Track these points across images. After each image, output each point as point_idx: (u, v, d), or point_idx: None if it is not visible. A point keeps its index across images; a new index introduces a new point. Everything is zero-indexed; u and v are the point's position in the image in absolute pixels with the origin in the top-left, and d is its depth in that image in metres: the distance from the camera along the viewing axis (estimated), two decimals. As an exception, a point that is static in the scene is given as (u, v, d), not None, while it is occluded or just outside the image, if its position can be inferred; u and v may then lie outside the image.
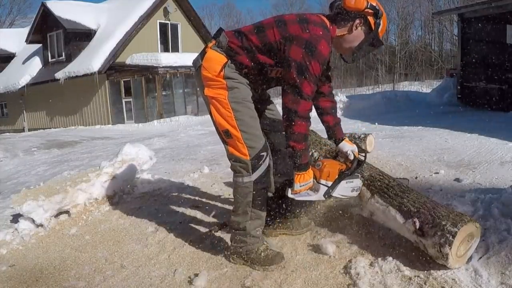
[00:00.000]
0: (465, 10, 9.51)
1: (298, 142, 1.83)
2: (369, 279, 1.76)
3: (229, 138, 1.94)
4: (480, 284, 1.65)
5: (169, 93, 14.54)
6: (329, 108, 2.15)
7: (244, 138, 1.91)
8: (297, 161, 1.86)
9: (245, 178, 1.95)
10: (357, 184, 2.08)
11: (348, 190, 2.05)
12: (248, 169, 1.93)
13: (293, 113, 1.80)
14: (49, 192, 2.88)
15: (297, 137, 1.82)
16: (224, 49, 1.90)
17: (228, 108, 1.91)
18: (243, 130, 1.91)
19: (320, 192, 1.97)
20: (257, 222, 2.01)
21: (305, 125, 1.82)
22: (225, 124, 1.93)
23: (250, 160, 1.92)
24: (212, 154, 5.09)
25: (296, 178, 1.89)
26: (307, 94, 1.80)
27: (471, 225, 1.73)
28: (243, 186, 1.97)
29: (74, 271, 2.14)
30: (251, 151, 1.92)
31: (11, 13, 33.19)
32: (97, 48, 14.46)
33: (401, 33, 31.10)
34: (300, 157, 1.85)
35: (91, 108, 15.22)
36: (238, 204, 2.00)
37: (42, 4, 15.19)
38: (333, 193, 2.00)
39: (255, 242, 2.00)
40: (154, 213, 2.90)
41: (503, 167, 3.24)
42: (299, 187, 1.90)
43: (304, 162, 1.87)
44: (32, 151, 8.41)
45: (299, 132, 1.82)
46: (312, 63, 1.77)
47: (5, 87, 16.64)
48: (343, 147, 2.12)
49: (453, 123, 6.00)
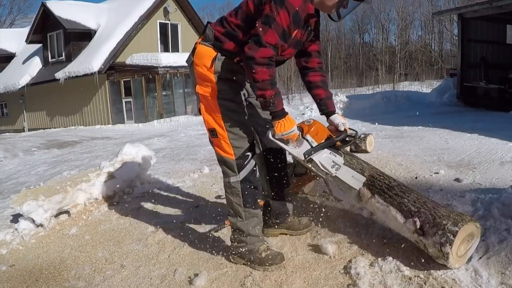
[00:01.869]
0: (465, 10, 9.50)
1: (265, 90, 1.74)
2: (369, 279, 1.76)
3: (214, 137, 1.94)
4: (480, 284, 1.65)
5: (169, 93, 14.54)
6: (319, 81, 2.08)
7: (229, 138, 1.90)
8: (271, 108, 1.78)
9: (232, 178, 1.95)
10: (339, 161, 1.96)
11: (329, 162, 1.94)
12: (234, 169, 1.93)
13: (251, 59, 1.71)
14: (49, 192, 2.89)
15: (262, 84, 1.73)
16: (212, 42, 1.88)
17: (216, 107, 1.89)
18: (229, 130, 1.90)
19: (302, 148, 1.87)
20: (253, 220, 1.99)
21: (267, 71, 1.72)
22: (212, 123, 1.92)
23: (235, 159, 1.92)
24: (212, 154, 5.05)
25: (277, 127, 1.80)
26: (268, 42, 1.71)
27: (471, 224, 1.73)
28: (231, 187, 1.96)
29: (74, 271, 2.14)
30: (236, 150, 1.91)
31: (11, 13, 33.23)
32: (97, 48, 14.47)
33: (401, 33, 31.11)
34: (274, 103, 1.77)
35: (91, 108, 15.22)
36: (231, 205, 2.00)
37: (42, 4, 15.19)
38: (313, 157, 1.89)
39: (255, 241, 1.99)
40: (154, 213, 2.90)
41: (503, 167, 3.24)
42: (280, 135, 1.82)
43: (278, 108, 1.79)
44: (32, 151, 8.41)
45: (262, 79, 1.72)
46: (280, 13, 1.70)
47: (5, 87, 16.65)
48: (334, 119, 2.06)
49: (453, 123, 5.99)
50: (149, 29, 15.53)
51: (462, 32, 9.75)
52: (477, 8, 8.90)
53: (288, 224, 2.27)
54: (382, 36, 32.82)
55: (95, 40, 15.06)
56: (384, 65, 28.87)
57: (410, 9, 31.47)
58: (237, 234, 2.01)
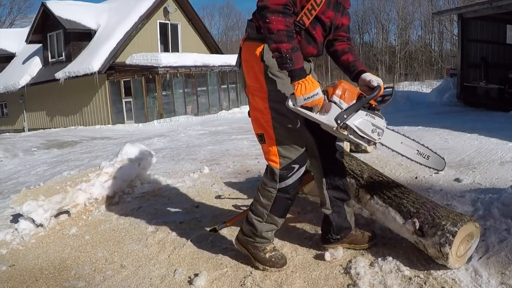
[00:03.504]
0: (465, 10, 9.50)
1: (280, 42, 1.53)
2: (369, 279, 1.76)
3: (263, 143, 1.80)
4: (480, 284, 1.65)
5: (169, 93, 14.54)
6: (346, 48, 1.86)
7: (277, 145, 1.75)
8: (289, 65, 1.53)
9: (270, 183, 1.83)
10: (380, 123, 1.64)
11: (369, 126, 1.61)
12: (275, 177, 1.80)
13: (264, 9, 1.53)
14: (49, 192, 2.89)
15: (277, 36, 1.52)
16: (255, 35, 1.72)
17: (266, 110, 1.73)
18: (278, 136, 1.75)
19: (331, 113, 1.56)
20: (270, 226, 1.90)
21: (283, 20, 1.53)
22: (260, 127, 1.78)
23: (280, 169, 1.78)
24: (212, 154, 5.09)
25: (297, 89, 1.53)
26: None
27: (470, 224, 1.73)
28: (266, 188, 1.84)
29: (74, 271, 2.14)
30: (282, 160, 1.77)
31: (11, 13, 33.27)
32: (97, 48, 14.47)
33: (401, 33, 31.14)
34: (291, 59, 1.52)
35: (91, 108, 15.22)
36: (257, 202, 1.89)
37: (42, 4, 15.19)
38: (348, 121, 1.57)
39: (264, 242, 1.94)
40: (154, 213, 2.90)
41: (503, 167, 3.24)
42: (303, 100, 1.53)
43: (298, 66, 1.54)
44: (32, 151, 8.42)
45: (277, 29, 1.52)
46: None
47: (5, 87, 16.65)
48: (366, 76, 1.77)
49: (453, 123, 5.99)
50: (149, 29, 15.54)
51: (462, 32, 9.75)
52: (477, 8, 8.90)
53: (351, 238, 2.03)
54: (382, 36, 32.85)
55: (95, 40, 15.07)
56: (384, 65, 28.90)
57: (410, 9, 31.54)
58: (250, 228, 1.92)
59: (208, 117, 13.50)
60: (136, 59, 14.11)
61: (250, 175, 3.70)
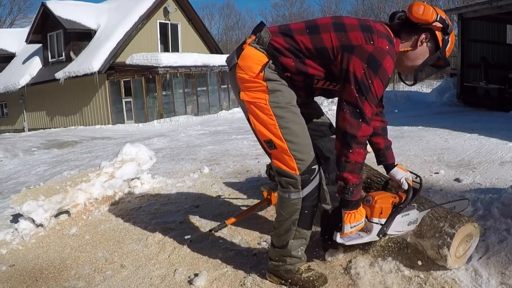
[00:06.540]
0: (465, 10, 9.49)
1: (352, 174, 1.57)
2: (369, 279, 1.76)
3: (273, 149, 1.68)
4: (480, 284, 1.65)
5: (169, 93, 14.53)
6: (379, 128, 1.86)
7: (291, 150, 1.65)
8: (348, 197, 1.59)
9: (293, 195, 1.68)
10: (413, 216, 1.78)
11: (405, 224, 1.77)
12: (297, 185, 1.67)
13: (352, 137, 1.54)
14: (49, 192, 2.89)
15: (353, 167, 1.57)
16: (266, 47, 1.64)
17: (270, 114, 1.64)
18: (289, 140, 1.65)
19: (373, 232, 1.71)
20: (300, 241, 1.76)
21: (363, 153, 1.58)
22: (267, 133, 1.67)
23: (300, 175, 1.66)
24: (212, 154, 5.09)
25: (346, 217, 1.61)
26: (368, 117, 1.55)
27: (469, 225, 1.72)
28: (290, 203, 1.70)
29: (74, 271, 2.14)
30: (300, 164, 1.66)
31: (11, 13, 33.27)
32: (97, 48, 14.46)
33: (401, 33, 31.09)
34: (353, 193, 1.59)
35: (91, 108, 15.22)
36: (282, 221, 1.74)
37: (42, 4, 15.19)
38: (388, 231, 1.74)
39: (296, 262, 1.78)
40: (154, 213, 2.90)
41: (503, 167, 3.24)
42: (349, 228, 1.63)
43: (356, 198, 1.61)
44: (32, 151, 8.42)
45: (355, 161, 1.56)
46: (375, 82, 1.53)
47: (5, 87, 16.64)
48: (396, 174, 1.84)
49: (453, 123, 6.00)
50: (149, 29, 15.53)
51: (462, 32, 9.74)
52: (477, 8, 8.89)
53: None
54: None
55: (95, 40, 15.06)
56: (384, 65, 28.84)
57: (410, 9, 31.45)
58: (278, 252, 1.78)
59: (208, 117, 13.50)
60: (136, 59, 14.10)
61: (250, 175, 3.70)
